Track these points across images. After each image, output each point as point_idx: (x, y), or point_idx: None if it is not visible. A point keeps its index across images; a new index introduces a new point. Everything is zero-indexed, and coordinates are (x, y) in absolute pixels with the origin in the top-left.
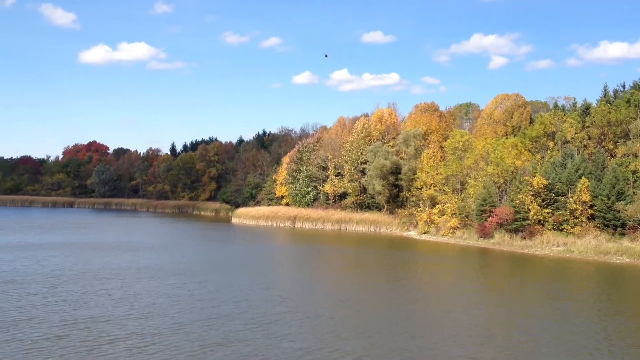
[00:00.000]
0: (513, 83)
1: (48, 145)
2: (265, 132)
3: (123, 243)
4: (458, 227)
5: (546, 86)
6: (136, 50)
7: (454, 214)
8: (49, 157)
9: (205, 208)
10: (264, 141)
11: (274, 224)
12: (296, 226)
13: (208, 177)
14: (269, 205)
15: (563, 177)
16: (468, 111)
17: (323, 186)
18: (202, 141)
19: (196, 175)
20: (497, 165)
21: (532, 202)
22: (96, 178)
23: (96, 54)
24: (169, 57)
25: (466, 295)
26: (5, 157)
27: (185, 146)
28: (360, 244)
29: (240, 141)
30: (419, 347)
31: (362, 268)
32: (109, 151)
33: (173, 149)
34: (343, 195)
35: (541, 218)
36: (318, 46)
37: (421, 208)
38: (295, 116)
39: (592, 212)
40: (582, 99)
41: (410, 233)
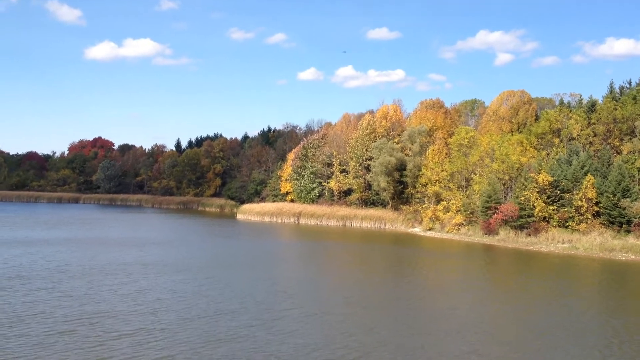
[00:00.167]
0: (519, 80)
1: (53, 141)
2: (270, 129)
3: (129, 239)
4: (463, 224)
5: (552, 83)
6: (142, 46)
7: (459, 211)
8: (55, 153)
9: (210, 204)
10: (269, 137)
11: (279, 220)
12: (301, 222)
13: (213, 174)
14: (274, 201)
15: (568, 174)
16: (473, 108)
17: (328, 182)
18: (207, 137)
19: (201, 171)
20: (503, 162)
21: (538, 199)
22: (101, 174)
23: (102, 50)
24: (175, 54)
25: (472, 291)
26: (11, 153)
27: (190, 142)
28: (365, 241)
29: (245, 137)
30: (425, 344)
31: (367, 265)
32: (114, 147)
33: (178, 145)
34: (348, 191)
35: (546, 215)
36: (324, 43)
37: (426, 205)
38: (300, 112)
39: (598, 209)
40: (588, 96)
41: (415, 230)
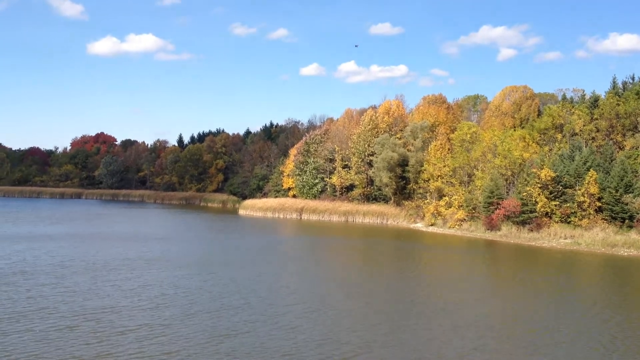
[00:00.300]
0: (521, 75)
1: (56, 136)
2: (272, 124)
3: (131, 234)
4: (465, 219)
5: (555, 78)
6: (144, 41)
7: (461, 206)
8: (57, 149)
9: (212, 200)
10: (271, 133)
11: (281, 216)
12: (303, 218)
13: (215, 169)
14: (276, 197)
15: (571, 170)
16: (476, 103)
17: (330, 178)
18: (210, 133)
19: (203, 166)
20: (505, 157)
21: (540, 195)
22: (104, 169)
23: (104, 46)
24: (177, 49)
25: (474, 287)
26: (13, 149)
27: (192, 138)
28: (367, 236)
29: (247, 133)
30: (428, 340)
31: (370, 260)
32: (117, 142)
33: (180, 141)
34: (350, 187)
35: (548, 210)
36: (326, 38)
37: (428, 200)
38: (302, 108)
39: (600, 205)
40: (591, 91)
41: (417, 225)
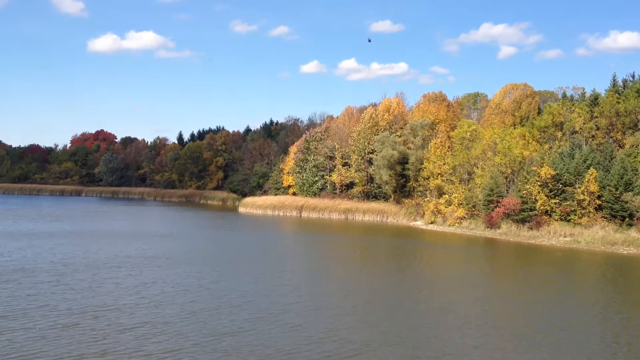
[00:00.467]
0: (522, 73)
1: (56, 133)
2: (272, 122)
3: (131, 232)
4: (465, 217)
5: (555, 76)
6: (144, 39)
7: (461, 204)
8: (57, 146)
9: (212, 197)
10: (272, 130)
11: (281, 214)
12: (303, 216)
13: (215, 167)
14: (276, 194)
15: (571, 168)
16: (476, 101)
17: (330, 176)
18: (210, 130)
19: (203, 164)
20: (505, 155)
21: (540, 193)
22: (104, 167)
23: (104, 43)
24: (177, 46)
25: (475, 285)
26: (13, 146)
27: (192, 135)
28: (367, 234)
29: (247, 130)
30: (429, 338)
31: (370, 258)
32: (117, 140)
33: (180, 138)
34: (350, 184)
35: (548, 208)
36: (327, 35)
37: (428, 198)
38: (302, 105)
39: (600, 203)
40: (591, 89)
41: (417, 223)
